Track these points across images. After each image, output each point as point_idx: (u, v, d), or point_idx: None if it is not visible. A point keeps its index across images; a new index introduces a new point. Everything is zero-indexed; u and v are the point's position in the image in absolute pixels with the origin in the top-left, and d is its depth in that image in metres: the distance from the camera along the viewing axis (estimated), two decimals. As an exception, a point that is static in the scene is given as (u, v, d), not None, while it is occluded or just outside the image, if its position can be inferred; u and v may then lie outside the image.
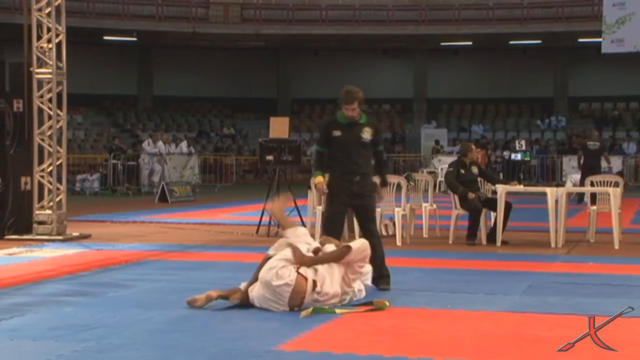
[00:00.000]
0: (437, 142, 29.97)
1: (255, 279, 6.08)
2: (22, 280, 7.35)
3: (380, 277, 6.93)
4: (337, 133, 7.00)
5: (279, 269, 5.93)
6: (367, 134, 7.00)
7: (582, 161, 17.57)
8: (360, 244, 6.27)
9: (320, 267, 6.05)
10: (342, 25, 31.40)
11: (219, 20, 31.41)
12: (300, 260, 6.01)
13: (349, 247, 6.16)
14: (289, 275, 5.90)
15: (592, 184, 11.38)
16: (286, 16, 31.51)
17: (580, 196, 11.24)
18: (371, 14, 31.47)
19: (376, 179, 7.27)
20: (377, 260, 6.87)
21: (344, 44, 33.28)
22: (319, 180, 7.08)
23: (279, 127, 11.93)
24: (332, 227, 6.98)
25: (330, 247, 6.27)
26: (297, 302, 5.89)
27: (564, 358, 4.57)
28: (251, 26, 31.34)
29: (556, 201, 10.14)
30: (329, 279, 6.03)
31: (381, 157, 7.41)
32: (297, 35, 31.74)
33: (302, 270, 5.96)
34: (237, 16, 31.72)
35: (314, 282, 5.95)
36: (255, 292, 6.00)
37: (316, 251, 6.22)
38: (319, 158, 7.26)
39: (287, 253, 6.04)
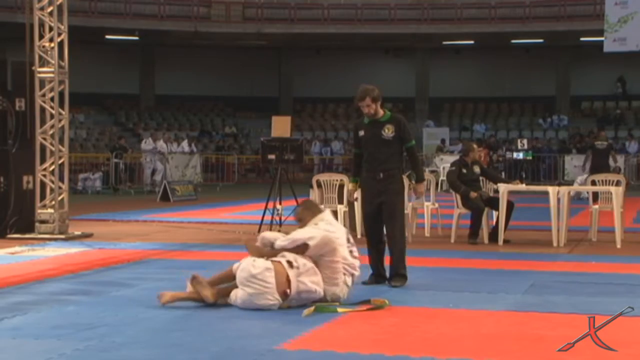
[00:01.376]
0: (442, 141, 29.98)
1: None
2: (25, 279, 7.36)
3: (395, 275, 7.06)
4: (361, 133, 7.25)
5: (252, 263, 5.97)
6: (388, 131, 7.10)
7: (589, 161, 17.72)
8: (319, 240, 6.13)
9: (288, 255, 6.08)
10: (344, 24, 31.39)
11: (221, 19, 31.41)
12: (259, 252, 6.11)
13: (306, 245, 6.12)
14: (264, 263, 5.95)
15: (593, 183, 11.37)
16: (288, 15, 31.50)
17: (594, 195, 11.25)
18: (373, 13, 31.46)
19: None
20: (392, 259, 7.08)
21: (346, 43, 33.27)
22: (350, 187, 7.49)
23: (280, 126, 11.92)
24: (368, 229, 7.26)
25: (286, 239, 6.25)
26: (285, 286, 5.88)
27: (565, 357, 4.56)
28: (253, 25, 31.34)
29: (558, 200, 10.13)
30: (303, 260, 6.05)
31: (412, 153, 7.38)
32: (299, 34, 31.74)
33: (273, 258, 6.03)
34: (239, 15, 31.72)
35: (288, 262, 5.99)
36: (240, 297, 5.92)
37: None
38: (354, 161, 7.52)
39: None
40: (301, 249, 6.14)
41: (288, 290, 5.92)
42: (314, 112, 36.37)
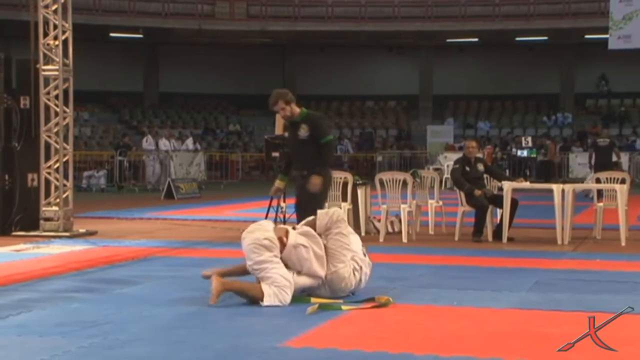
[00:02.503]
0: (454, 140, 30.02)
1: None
2: (29, 277, 7.37)
3: None
4: (286, 134, 7.73)
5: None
6: (303, 131, 7.45)
7: (593, 158, 17.74)
8: (320, 214, 6.36)
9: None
10: (347, 21, 31.39)
11: (225, 17, 31.43)
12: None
13: (314, 221, 6.35)
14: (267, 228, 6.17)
15: (598, 181, 11.36)
16: (292, 13, 31.50)
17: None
18: (377, 11, 31.45)
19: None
20: None
21: (350, 40, 33.26)
22: (277, 184, 7.89)
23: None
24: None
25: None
26: (283, 233, 6.08)
27: (569, 356, 4.56)
28: (257, 23, 31.35)
29: (562, 198, 10.13)
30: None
31: (324, 150, 7.50)
32: (303, 32, 31.74)
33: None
34: (243, 13, 31.73)
35: (287, 231, 6.20)
36: (244, 241, 6.08)
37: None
38: (285, 159, 8.06)
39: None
40: (310, 222, 6.35)
41: (285, 239, 6.06)
42: (318, 109, 36.28)
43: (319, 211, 6.43)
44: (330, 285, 6.24)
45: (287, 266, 6.12)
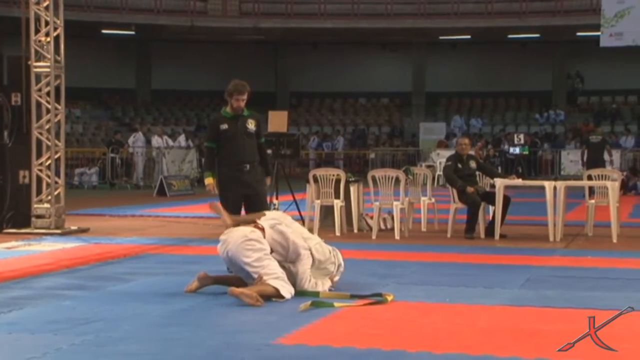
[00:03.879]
0: (447, 137, 30.01)
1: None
2: (21, 274, 7.36)
3: None
4: (224, 126, 7.52)
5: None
6: (251, 125, 7.58)
7: (585, 155, 17.78)
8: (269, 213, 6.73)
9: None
10: (340, 18, 31.34)
11: (218, 13, 31.35)
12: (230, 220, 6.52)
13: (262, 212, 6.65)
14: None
15: (589, 178, 11.39)
16: (284, 10, 31.44)
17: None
18: (369, 8, 31.41)
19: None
20: None
21: (343, 37, 33.22)
22: (209, 181, 7.66)
23: (277, 121, 11.93)
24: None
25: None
26: (255, 220, 6.30)
27: (561, 354, 4.57)
28: (249, 20, 31.28)
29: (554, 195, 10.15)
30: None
31: (263, 149, 7.82)
32: (296, 29, 31.68)
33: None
34: (236, 10, 31.66)
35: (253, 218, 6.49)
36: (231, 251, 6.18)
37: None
38: (209, 155, 7.89)
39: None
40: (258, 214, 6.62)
41: (259, 224, 6.27)
42: (311, 106, 36.34)
43: (268, 214, 6.67)
44: (317, 257, 6.39)
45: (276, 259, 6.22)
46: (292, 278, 6.29)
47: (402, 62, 35.37)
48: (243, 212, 7.56)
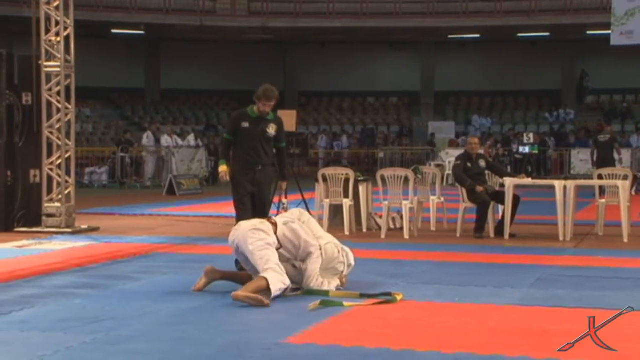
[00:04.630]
0: (456, 136, 29.94)
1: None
2: (32, 273, 7.39)
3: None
4: (245, 124, 7.69)
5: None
6: (272, 130, 7.74)
7: (595, 154, 17.76)
8: (287, 213, 6.90)
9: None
10: (349, 18, 31.32)
11: (226, 13, 31.38)
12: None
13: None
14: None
15: (600, 177, 11.36)
16: (293, 9, 31.45)
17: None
18: (378, 7, 31.38)
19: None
20: None
21: (351, 36, 33.21)
22: (223, 169, 7.85)
23: (286, 120, 11.81)
24: (242, 212, 7.63)
25: None
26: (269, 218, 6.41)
27: (570, 353, 4.56)
28: (258, 19, 31.30)
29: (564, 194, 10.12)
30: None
31: (283, 153, 8.04)
32: (304, 28, 31.68)
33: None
34: (244, 9, 31.69)
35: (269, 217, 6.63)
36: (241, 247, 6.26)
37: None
38: (225, 146, 8.00)
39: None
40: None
41: (273, 220, 6.37)
42: (320, 106, 36.34)
43: (290, 210, 6.96)
44: (329, 262, 6.42)
45: (283, 256, 6.27)
46: (301, 276, 6.32)
47: (411, 61, 35.34)
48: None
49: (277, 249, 6.27)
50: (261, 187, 7.73)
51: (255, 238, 6.16)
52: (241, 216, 7.54)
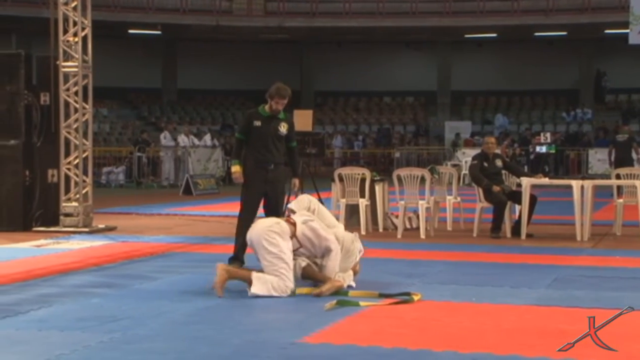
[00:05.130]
0: (472, 135, 29.85)
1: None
2: (50, 272, 7.43)
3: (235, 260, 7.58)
4: (257, 123, 7.73)
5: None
6: (283, 128, 7.77)
7: (613, 154, 17.68)
8: (295, 202, 6.87)
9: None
10: (365, 17, 31.29)
11: (243, 13, 31.43)
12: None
13: (291, 209, 6.77)
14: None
15: (618, 177, 11.28)
16: (309, 9, 31.46)
17: None
18: (394, 6, 31.33)
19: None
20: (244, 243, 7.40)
21: (368, 36, 33.17)
22: (236, 169, 7.87)
23: (302, 120, 11.92)
24: (247, 212, 7.66)
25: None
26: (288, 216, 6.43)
27: (588, 352, 4.54)
28: (274, 19, 31.33)
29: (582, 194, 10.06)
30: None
31: (294, 153, 8.05)
32: (321, 28, 31.68)
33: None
34: (261, 9, 31.73)
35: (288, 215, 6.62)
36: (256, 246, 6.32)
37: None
38: (238, 145, 8.02)
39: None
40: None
41: (291, 219, 6.37)
42: (336, 105, 36.33)
43: (298, 197, 7.01)
44: (345, 252, 6.52)
45: (298, 251, 6.33)
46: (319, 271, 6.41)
47: (428, 60, 35.26)
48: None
49: (296, 249, 6.29)
50: (274, 186, 7.76)
51: (269, 242, 6.16)
52: (245, 216, 7.63)
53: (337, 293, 6.19)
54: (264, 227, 6.28)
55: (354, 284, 6.58)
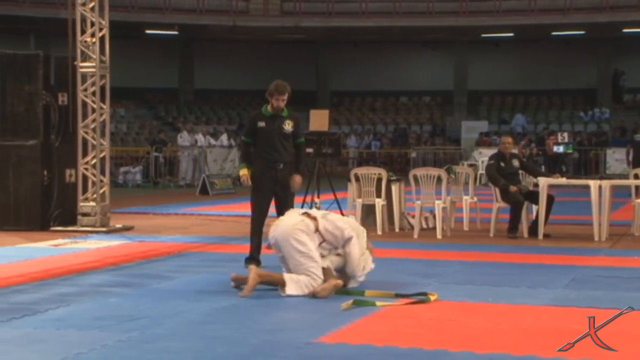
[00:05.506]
0: (487, 134, 29.75)
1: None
2: (68, 271, 7.48)
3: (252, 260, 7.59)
4: (261, 124, 7.73)
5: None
6: (288, 126, 7.73)
7: (631, 154, 17.62)
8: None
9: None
10: (381, 17, 31.24)
11: (259, 13, 31.48)
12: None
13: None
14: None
15: (636, 177, 11.21)
16: (326, 9, 31.45)
17: None
18: (411, 6, 31.26)
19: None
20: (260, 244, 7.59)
21: (384, 36, 33.13)
22: (244, 172, 7.89)
23: (318, 120, 11.94)
24: (258, 213, 7.71)
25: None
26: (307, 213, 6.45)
27: (603, 353, 4.52)
28: (291, 19, 31.36)
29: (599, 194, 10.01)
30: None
31: (300, 149, 7.97)
32: (337, 28, 31.67)
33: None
34: (277, 9, 31.77)
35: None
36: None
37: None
38: (244, 149, 8.13)
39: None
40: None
41: (312, 214, 6.44)
42: (352, 105, 36.30)
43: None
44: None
45: (323, 246, 6.38)
46: (344, 262, 6.49)
47: (444, 60, 35.17)
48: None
49: (320, 243, 6.35)
50: (284, 187, 7.74)
51: (297, 241, 6.21)
52: (256, 217, 7.71)
53: (348, 293, 6.18)
54: (290, 226, 6.30)
55: (373, 265, 6.71)
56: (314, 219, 6.40)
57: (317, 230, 6.34)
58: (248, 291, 6.15)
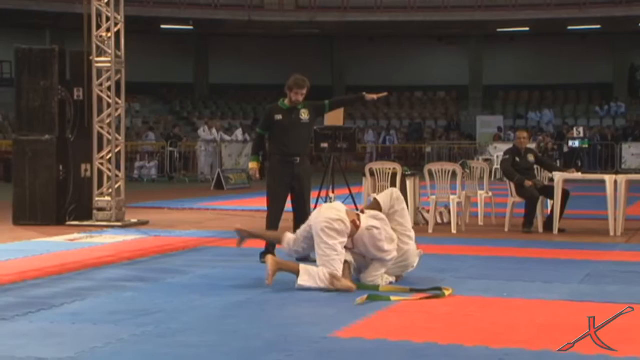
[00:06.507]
0: (499, 129, 29.64)
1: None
2: (83, 266, 7.52)
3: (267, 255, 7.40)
4: (279, 117, 7.71)
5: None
6: (305, 115, 7.76)
7: None
8: (383, 195, 6.73)
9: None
10: (397, 12, 31.17)
11: (274, 7, 31.49)
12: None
13: (378, 203, 6.61)
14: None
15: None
16: (341, 3, 31.42)
17: None
18: (426, 1, 31.17)
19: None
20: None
21: (399, 30, 33.06)
22: (253, 165, 7.97)
23: (333, 115, 11.91)
24: (275, 207, 7.66)
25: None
26: (354, 217, 6.32)
27: (624, 347, 4.49)
28: (306, 13, 31.34)
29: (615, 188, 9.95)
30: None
31: (336, 101, 8.40)
32: (352, 23, 31.63)
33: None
34: (292, 4, 31.76)
35: (358, 214, 6.48)
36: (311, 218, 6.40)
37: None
38: (257, 141, 8.13)
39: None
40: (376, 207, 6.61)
41: (358, 222, 6.28)
42: (367, 100, 36.23)
43: (381, 194, 6.86)
44: (403, 261, 6.52)
45: (351, 250, 6.34)
46: (363, 260, 6.44)
47: (459, 55, 35.06)
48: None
49: (349, 249, 6.32)
50: (301, 181, 7.72)
51: (325, 235, 6.17)
52: (272, 211, 7.69)
53: (363, 288, 6.18)
54: (327, 218, 6.23)
55: (382, 283, 6.55)
56: (357, 227, 6.28)
57: (352, 236, 6.28)
58: (269, 279, 6.20)
